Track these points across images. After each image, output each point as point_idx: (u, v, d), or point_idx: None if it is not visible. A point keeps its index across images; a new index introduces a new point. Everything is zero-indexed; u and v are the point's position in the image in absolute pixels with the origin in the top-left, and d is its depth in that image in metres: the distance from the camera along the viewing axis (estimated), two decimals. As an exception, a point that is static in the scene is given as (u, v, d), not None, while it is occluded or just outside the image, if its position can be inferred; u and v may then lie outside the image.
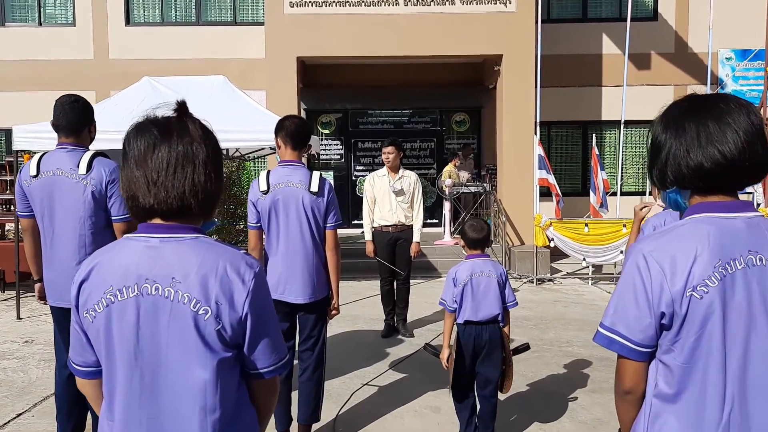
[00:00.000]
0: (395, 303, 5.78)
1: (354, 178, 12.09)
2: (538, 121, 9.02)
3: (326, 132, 12.07)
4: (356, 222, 11.20)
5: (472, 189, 10.23)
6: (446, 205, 9.86)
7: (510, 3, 9.41)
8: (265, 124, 5.90)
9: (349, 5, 9.37)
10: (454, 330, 3.24)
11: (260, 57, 10.25)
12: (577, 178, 11.42)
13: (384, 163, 5.68)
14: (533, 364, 4.78)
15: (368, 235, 5.72)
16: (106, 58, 11.05)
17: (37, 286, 3.17)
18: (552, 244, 8.37)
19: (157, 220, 1.28)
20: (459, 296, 3.14)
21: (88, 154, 2.99)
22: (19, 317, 6.44)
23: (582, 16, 11.15)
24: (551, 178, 8.56)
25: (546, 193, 9.27)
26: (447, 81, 11.55)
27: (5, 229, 8.46)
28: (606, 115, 11.03)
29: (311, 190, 3.21)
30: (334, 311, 3.43)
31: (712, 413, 1.21)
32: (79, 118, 3.03)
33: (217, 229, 9.21)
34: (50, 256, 3.01)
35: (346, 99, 11.84)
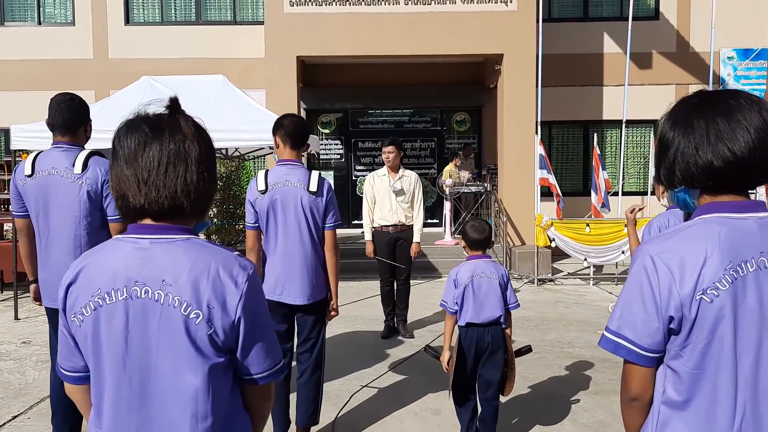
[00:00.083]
0: (395, 304, 5.74)
1: (354, 178, 12.05)
2: (539, 121, 8.98)
3: (326, 132, 12.03)
4: (356, 222, 11.17)
5: (473, 189, 10.19)
6: (447, 205, 9.82)
7: (511, 2, 9.37)
8: (265, 123, 5.85)
9: (350, 4, 9.33)
10: (456, 332, 3.20)
11: (260, 56, 10.22)
12: (578, 178, 11.37)
13: (384, 162, 5.64)
14: (534, 366, 4.73)
15: (368, 235, 5.68)
16: (105, 57, 11.02)
17: (32, 287, 3.14)
18: (553, 245, 8.33)
19: (147, 221, 1.24)
20: (460, 298, 3.11)
21: (84, 153, 2.95)
22: (17, 318, 6.40)
23: (583, 15, 11.11)
24: (551, 178, 8.52)
25: (547, 193, 9.23)
26: (448, 80, 11.52)
27: (4, 229, 8.43)
28: (607, 114, 10.98)
29: (310, 189, 3.17)
30: (333, 312, 3.39)
31: (723, 421, 1.16)
32: (75, 117, 2.99)
33: (216, 229, 9.20)
34: (45, 256, 2.97)
35: (346, 98, 11.81)
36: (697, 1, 10.77)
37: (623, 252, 8.03)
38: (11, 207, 3.10)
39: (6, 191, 8.02)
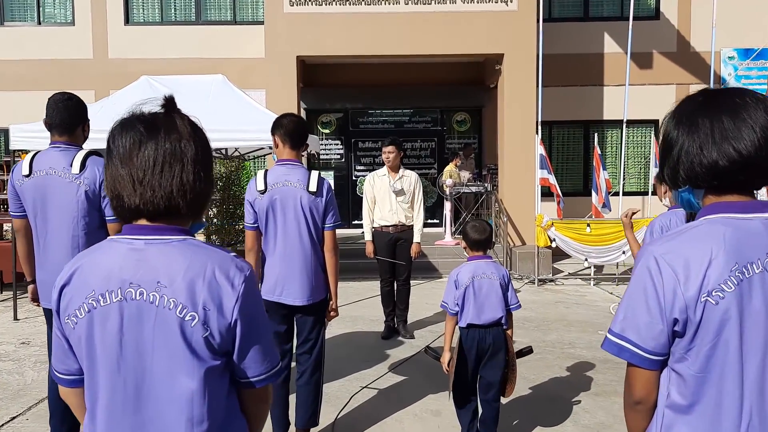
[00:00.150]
0: (395, 304, 5.72)
1: (354, 178, 12.03)
2: (539, 121, 8.96)
3: (326, 132, 12.01)
4: (356, 222, 11.15)
5: (473, 189, 10.18)
6: (447, 205, 9.80)
7: (511, 2, 9.35)
8: (265, 123, 5.82)
9: (350, 4, 9.31)
10: (456, 333, 3.18)
11: (260, 56, 10.21)
12: (579, 178, 11.35)
13: (384, 162, 5.63)
14: (535, 367, 4.71)
15: (368, 236, 5.66)
16: (105, 57, 11.01)
17: (30, 288, 3.12)
18: (553, 245, 8.30)
19: (142, 221, 1.22)
20: (461, 299, 3.09)
21: (82, 153, 2.93)
22: (16, 318, 6.39)
23: (584, 15, 11.09)
24: (552, 179, 8.50)
25: (547, 193, 9.20)
26: (448, 80, 11.50)
27: (3, 229, 8.41)
28: (608, 114, 10.96)
29: (309, 189, 3.15)
30: (332, 313, 3.37)
31: (729, 426, 1.14)
32: (73, 117, 2.97)
33: (216, 229, 9.18)
34: (43, 256, 2.95)
35: (346, 98, 11.79)
36: (698, 0, 10.75)
37: (624, 252, 8.01)
38: (9, 207, 3.08)
39: (4, 191, 8.01)
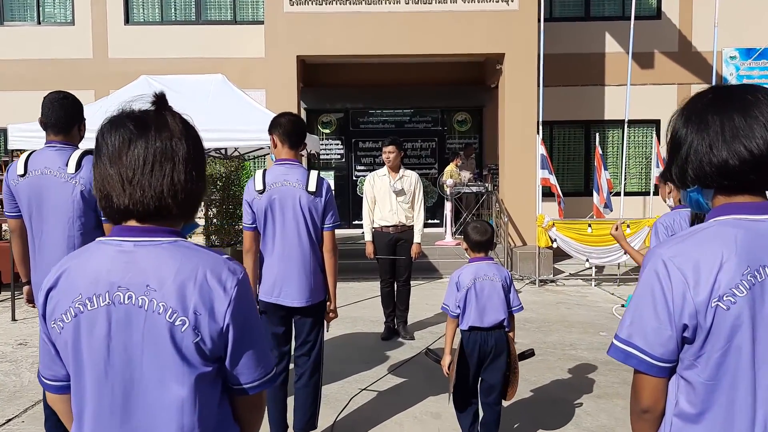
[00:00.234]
0: (395, 305, 5.68)
1: (354, 178, 11.99)
2: (540, 121, 8.91)
3: (327, 131, 11.97)
4: (356, 222, 11.10)
5: (474, 189, 10.14)
6: (447, 206, 9.76)
7: (512, 1, 9.31)
8: (265, 123, 5.75)
9: (350, 3, 9.27)
10: (457, 335, 3.14)
11: (260, 56, 10.17)
12: (580, 178, 11.31)
13: (384, 162, 5.59)
14: (537, 369, 4.67)
15: (368, 236, 5.62)
16: (105, 57, 10.98)
17: (25, 289, 3.08)
18: (554, 245, 8.26)
19: (132, 222, 1.17)
20: (462, 301, 3.04)
21: (78, 152, 2.89)
22: (14, 319, 6.35)
23: (585, 14, 11.05)
24: (553, 179, 8.46)
25: (548, 194, 9.16)
26: (448, 80, 11.46)
27: (2, 229, 8.38)
28: (609, 114, 10.92)
29: (309, 189, 3.10)
30: (331, 314, 3.33)
31: None
32: (68, 116, 2.93)
33: (216, 230, 9.15)
34: (38, 257, 2.91)
35: (346, 98, 11.75)
36: (699, 0, 10.71)
37: (625, 253, 7.96)
38: (4, 207, 3.04)
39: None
